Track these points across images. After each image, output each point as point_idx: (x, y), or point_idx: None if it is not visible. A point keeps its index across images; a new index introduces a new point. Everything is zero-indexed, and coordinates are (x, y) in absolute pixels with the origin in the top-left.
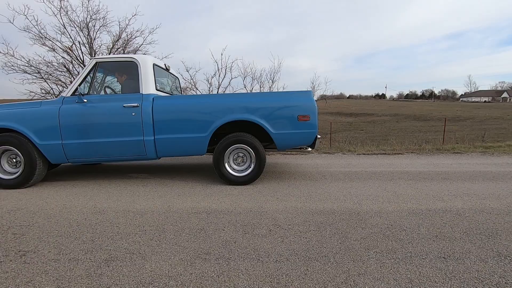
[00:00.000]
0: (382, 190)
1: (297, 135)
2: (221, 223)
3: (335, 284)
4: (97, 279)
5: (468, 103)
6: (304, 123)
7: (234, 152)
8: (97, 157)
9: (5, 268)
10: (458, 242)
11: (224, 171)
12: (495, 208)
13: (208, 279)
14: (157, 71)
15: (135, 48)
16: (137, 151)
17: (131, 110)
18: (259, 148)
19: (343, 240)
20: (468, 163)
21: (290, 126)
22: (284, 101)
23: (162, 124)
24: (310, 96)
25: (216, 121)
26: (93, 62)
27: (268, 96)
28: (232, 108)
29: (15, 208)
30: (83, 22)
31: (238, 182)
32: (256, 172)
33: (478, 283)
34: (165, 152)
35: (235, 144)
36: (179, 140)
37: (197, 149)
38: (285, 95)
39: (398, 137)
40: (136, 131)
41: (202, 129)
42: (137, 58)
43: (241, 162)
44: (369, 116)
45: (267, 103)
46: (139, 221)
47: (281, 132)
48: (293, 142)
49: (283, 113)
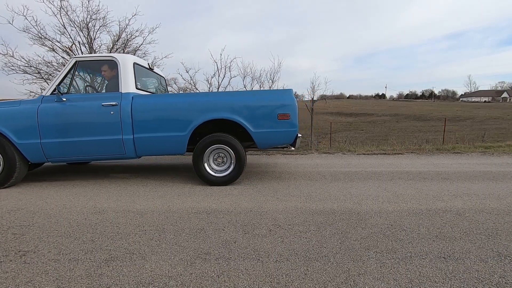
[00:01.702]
0: (382, 190)
1: (278, 133)
2: (221, 223)
3: (335, 284)
4: (97, 279)
5: (468, 103)
6: (284, 121)
7: (214, 152)
8: (76, 156)
9: (5, 268)
10: (458, 242)
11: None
12: (495, 208)
13: (208, 279)
14: (139, 70)
15: (134, 48)
16: (116, 150)
17: (109, 109)
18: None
19: (343, 240)
20: (468, 163)
21: (270, 124)
22: (264, 100)
23: (141, 123)
24: (291, 95)
25: (195, 120)
26: (73, 61)
27: (247, 94)
28: (211, 107)
29: (15, 208)
30: (83, 22)
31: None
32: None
33: (478, 283)
34: (144, 151)
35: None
36: (158, 139)
37: (177, 148)
38: (265, 93)
39: (398, 137)
40: (115, 130)
41: (181, 128)
42: (117, 56)
43: (222, 163)
44: (369, 116)
45: (247, 102)
46: (139, 221)
47: (261, 131)
48: (273, 141)
49: (263, 111)
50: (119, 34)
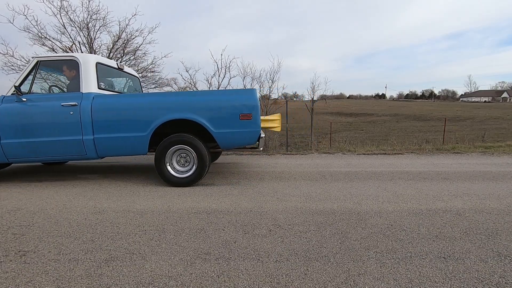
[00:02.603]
0: (382, 190)
1: (240, 134)
2: (221, 223)
3: (335, 284)
4: (97, 279)
5: (468, 103)
6: (246, 121)
7: (177, 153)
8: (37, 157)
9: (5, 268)
10: (458, 242)
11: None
12: (495, 208)
13: (208, 279)
14: (104, 70)
15: (134, 48)
16: (77, 150)
17: (69, 109)
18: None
19: (343, 240)
20: (468, 163)
21: (232, 125)
22: (225, 100)
23: (101, 123)
24: (253, 95)
25: (156, 120)
26: (34, 61)
27: (209, 94)
28: (172, 107)
29: (15, 208)
30: (83, 22)
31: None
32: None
33: (478, 283)
34: (105, 152)
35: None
36: (118, 139)
37: (138, 148)
38: (227, 93)
39: (398, 137)
40: (75, 130)
41: (141, 129)
42: (78, 56)
43: (185, 163)
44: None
45: (208, 102)
46: (139, 221)
47: (223, 131)
48: (236, 141)
49: (225, 111)
50: (119, 34)
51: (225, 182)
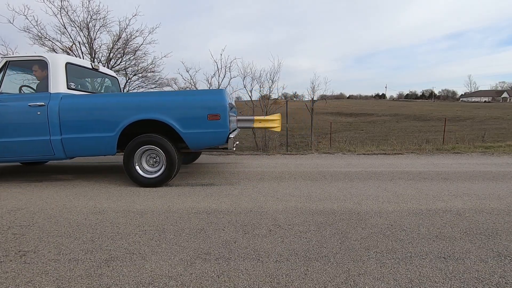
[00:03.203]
0: (382, 190)
1: (208, 134)
2: (221, 223)
3: (335, 284)
4: (97, 279)
5: (468, 103)
6: (214, 122)
7: (147, 153)
8: (6, 157)
9: (5, 268)
10: (458, 242)
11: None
12: (495, 208)
13: (208, 279)
14: (75, 70)
15: (135, 48)
16: (45, 151)
17: (36, 109)
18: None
19: (343, 240)
20: (468, 163)
21: (200, 125)
22: (193, 100)
23: (68, 124)
24: (221, 95)
25: (123, 120)
26: (3, 61)
27: (176, 95)
28: (140, 107)
29: (15, 208)
30: (83, 22)
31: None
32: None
33: (478, 283)
34: (74, 152)
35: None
36: (86, 139)
37: (106, 149)
38: (195, 94)
39: (398, 137)
40: (42, 131)
41: (109, 129)
42: (47, 56)
43: (155, 163)
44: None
45: (176, 102)
46: (139, 221)
47: (191, 131)
48: (204, 142)
49: (192, 112)
50: (119, 34)
51: (225, 182)
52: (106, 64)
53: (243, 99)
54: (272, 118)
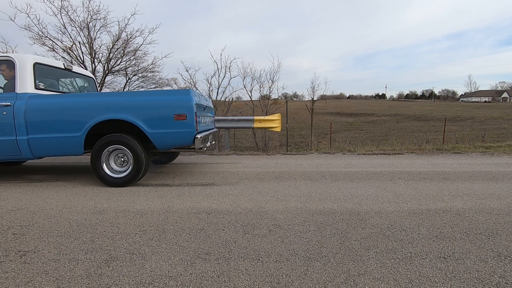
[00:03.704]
0: (382, 190)
1: (174, 134)
2: (221, 223)
3: (335, 284)
4: (97, 279)
5: (468, 103)
6: (180, 122)
7: (115, 153)
8: None
9: (5, 268)
10: (458, 242)
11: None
12: (495, 208)
13: (208, 279)
14: (44, 70)
15: (135, 48)
16: (11, 151)
17: (2, 109)
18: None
19: (343, 240)
20: (468, 163)
21: (166, 125)
22: (160, 100)
23: (35, 124)
24: (188, 96)
25: (90, 120)
26: None
27: (143, 95)
28: (106, 108)
29: (15, 208)
30: (83, 22)
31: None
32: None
33: (478, 283)
34: (40, 152)
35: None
36: (53, 139)
37: (73, 149)
38: (161, 94)
39: (398, 137)
40: (8, 131)
41: (75, 129)
42: (14, 57)
43: (123, 163)
44: (369, 116)
45: (142, 102)
46: (139, 221)
47: (158, 131)
48: (171, 142)
49: (159, 112)
50: (119, 34)
51: (225, 182)
52: (106, 64)
53: (243, 99)
54: (272, 118)
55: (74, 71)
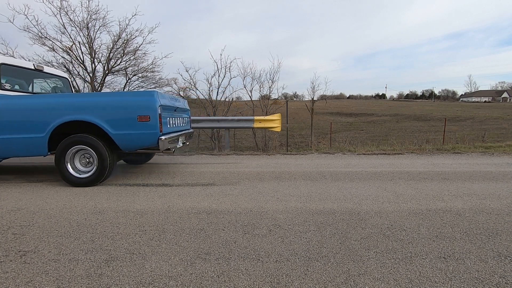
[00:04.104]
0: (382, 190)
1: (138, 135)
2: (221, 223)
3: (335, 284)
4: (97, 279)
5: (468, 103)
6: (144, 123)
7: (80, 153)
8: None
9: (5, 268)
10: (458, 242)
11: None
12: (495, 208)
13: (208, 279)
14: (11, 71)
15: (135, 48)
16: None
17: None
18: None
19: (343, 240)
20: (468, 163)
21: (130, 126)
22: (123, 102)
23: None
24: (152, 97)
25: (53, 121)
26: None
27: (106, 96)
28: (70, 109)
29: (15, 208)
30: (83, 22)
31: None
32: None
33: (478, 283)
34: (4, 153)
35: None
36: (17, 140)
37: (37, 150)
38: (125, 95)
39: (398, 137)
40: None
41: (39, 130)
42: None
43: (88, 163)
44: (369, 116)
45: (106, 103)
46: (139, 221)
47: (121, 133)
48: (134, 143)
49: (122, 113)
50: (119, 34)
51: (225, 182)
52: (106, 64)
53: (243, 99)
54: (272, 118)
55: (46, 72)
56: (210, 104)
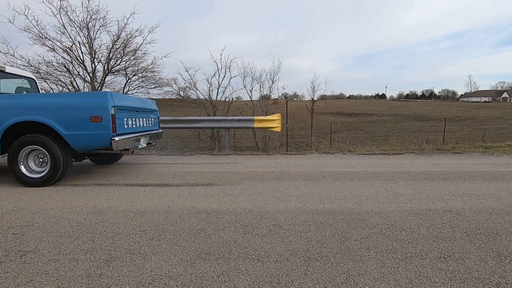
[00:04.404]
0: (382, 190)
1: (90, 136)
2: (221, 223)
3: (335, 284)
4: (97, 279)
5: (468, 103)
6: (96, 124)
7: (34, 153)
8: None
9: (5, 268)
10: (458, 242)
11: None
12: (495, 208)
13: (208, 279)
14: None
15: (134, 48)
16: None
17: None
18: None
19: (343, 240)
20: (468, 163)
21: (82, 127)
22: (75, 102)
23: None
24: (105, 98)
25: (3, 122)
26: None
27: (58, 97)
28: (21, 109)
29: (15, 208)
30: (83, 22)
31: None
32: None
33: (478, 283)
34: None
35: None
36: None
37: None
38: (77, 96)
39: (398, 137)
40: None
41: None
42: None
43: (43, 164)
44: (369, 116)
45: (58, 104)
46: (139, 221)
47: (73, 133)
48: (87, 144)
49: (75, 114)
50: (118, 34)
51: (225, 182)
52: (106, 64)
53: (243, 99)
54: (272, 118)
55: (8, 72)
56: (210, 104)
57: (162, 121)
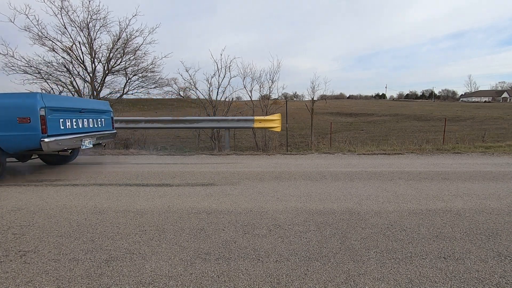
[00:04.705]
0: (382, 190)
1: (18, 137)
2: (221, 223)
3: (335, 284)
4: (97, 279)
5: (468, 103)
6: (24, 125)
7: None
8: None
9: (5, 268)
10: (458, 242)
11: None
12: (495, 208)
13: (208, 279)
14: None
15: (135, 48)
16: None
17: None
18: None
19: (343, 240)
20: (468, 163)
21: (10, 128)
22: (2, 103)
23: None
24: (34, 98)
25: None
26: None
27: None
28: None
29: (15, 208)
30: (83, 22)
31: None
32: None
33: (478, 283)
34: None
35: None
36: None
37: None
38: (5, 97)
39: (398, 137)
40: None
41: None
42: None
43: None
44: (369, 116)
45: None
46: (139, 221)
47: (2, 134)
48: (16, 145)
49: (2, 114)
50: (119, 34)
51: (225, 182)
52: (106, 64)
53: (243, 99)
54: (272, 118)
55: None
56: (210, 104)
57: (162, 121)
